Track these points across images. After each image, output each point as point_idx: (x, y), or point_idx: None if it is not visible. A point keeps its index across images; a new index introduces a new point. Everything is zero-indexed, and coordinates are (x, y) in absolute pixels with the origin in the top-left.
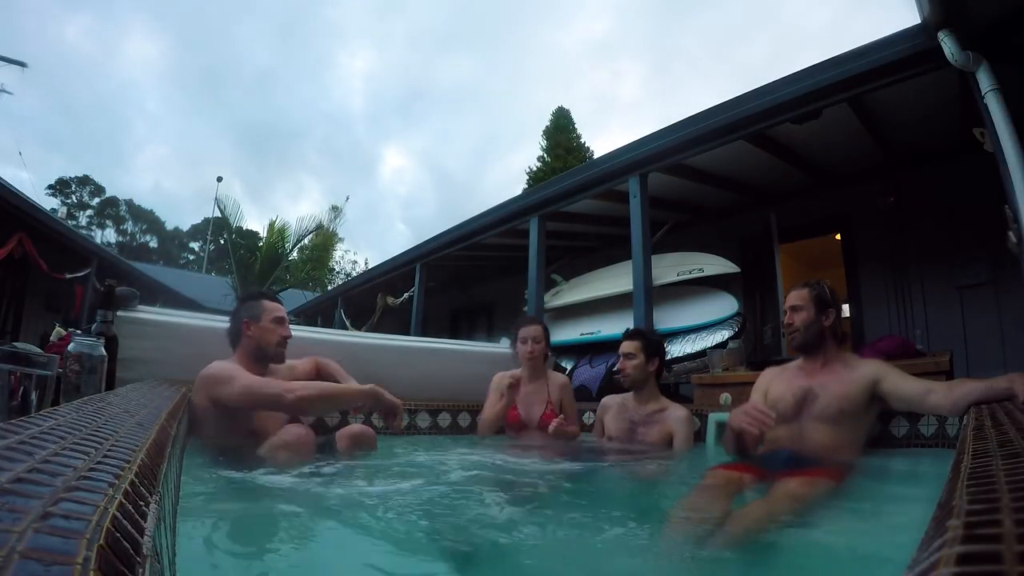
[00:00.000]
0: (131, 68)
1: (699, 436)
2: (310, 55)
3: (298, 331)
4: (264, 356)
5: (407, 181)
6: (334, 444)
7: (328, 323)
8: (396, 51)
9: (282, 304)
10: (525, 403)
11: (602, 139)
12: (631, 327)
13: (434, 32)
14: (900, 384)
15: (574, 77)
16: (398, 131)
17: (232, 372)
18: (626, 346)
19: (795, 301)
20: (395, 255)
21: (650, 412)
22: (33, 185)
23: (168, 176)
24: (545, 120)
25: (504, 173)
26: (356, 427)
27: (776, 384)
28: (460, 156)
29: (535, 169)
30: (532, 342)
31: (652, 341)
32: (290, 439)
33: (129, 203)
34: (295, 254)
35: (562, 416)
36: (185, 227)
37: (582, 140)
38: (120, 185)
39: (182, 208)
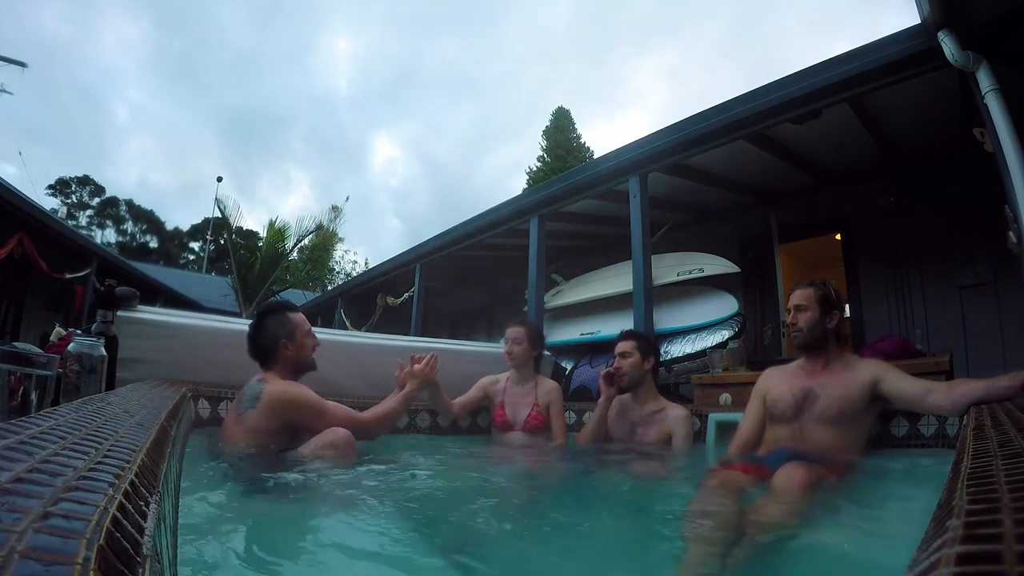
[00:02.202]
0: (110, 56)
1: (699, 436)
2: (292, 38)
3: None
4: (302, 369)
5: (399, 173)
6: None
7: (328, 323)
8: (381, 33)
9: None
10: (511, 404)
11: (597, 121)
12: (628, 328)
13: (418, 12)
14: (900, 384)
15: (565, 57)
16: (388, 122)
17: (320, 405)
18: (621, 345)
19: (800, 300)
20: (395, 255)
21: (649, 412)
22: (32, 182)
23: (152, 169)
24: (538, 105)
25: (498, 162)
26: (338, 431)
27: (776, 385)
28: (452, 146)
29: (535, 169)
30: (512, 342)
31: (647, 340)
32: (337, 440)
33: (129, 203)
34: (295, 254)
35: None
36: (172, 222)
37: (582, 140)
38: (103, 177)
39: (168, 201)
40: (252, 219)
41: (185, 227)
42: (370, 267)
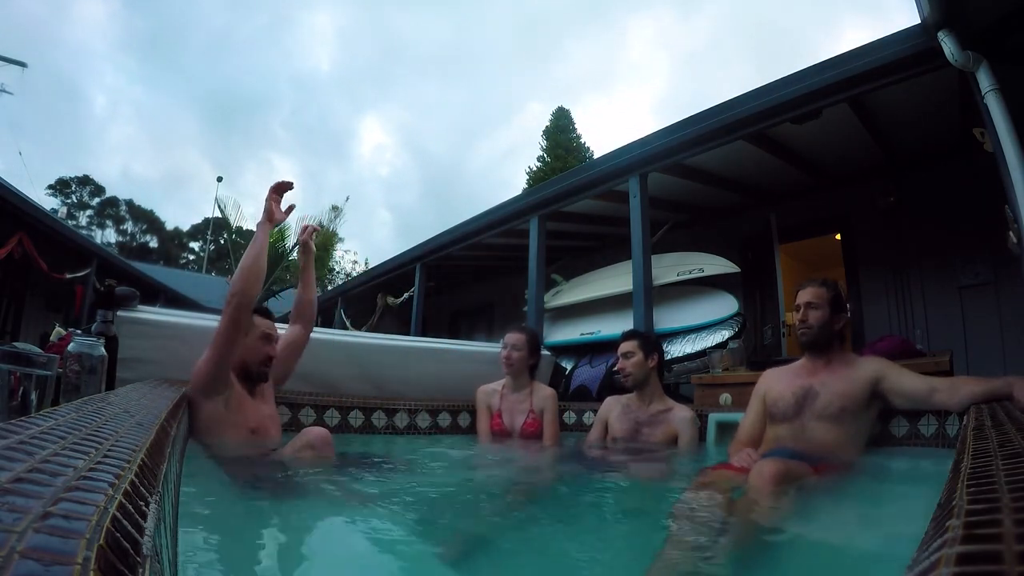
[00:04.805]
0: (83, 41)
1: (699, 436)
2: (278, 24)
3: None
4: (248, 374)
5: (388, 161)
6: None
7: (328, 323)
8: (363, 9)
9: (273, 320)
10: (509, 412)
11: (594, 107)
12: (630, 329)
13: None
14: (902, 381)
15: (559, 42)
16: (375, 106)
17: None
18: (624, 346)
19: (812, 298)
20: (395, 255)
21: (655, 412)
22: (31, 182)
23: (134, 159)
24: (531, 91)
25: (492, 148)
26: (314, 431)
27: (776, 384)
28: (442, 132)
29: (535, 169)
30: (511, 348)
31: (649, 339)
32: (314, 440)
33: (129, 203)
34: (295, 254)
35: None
36: (157, 211)
37: (582, 140)
38: (85, 167)
39: (153, 192)
40: (243, 211)
41: (175, 222)
42: (370, 267)
